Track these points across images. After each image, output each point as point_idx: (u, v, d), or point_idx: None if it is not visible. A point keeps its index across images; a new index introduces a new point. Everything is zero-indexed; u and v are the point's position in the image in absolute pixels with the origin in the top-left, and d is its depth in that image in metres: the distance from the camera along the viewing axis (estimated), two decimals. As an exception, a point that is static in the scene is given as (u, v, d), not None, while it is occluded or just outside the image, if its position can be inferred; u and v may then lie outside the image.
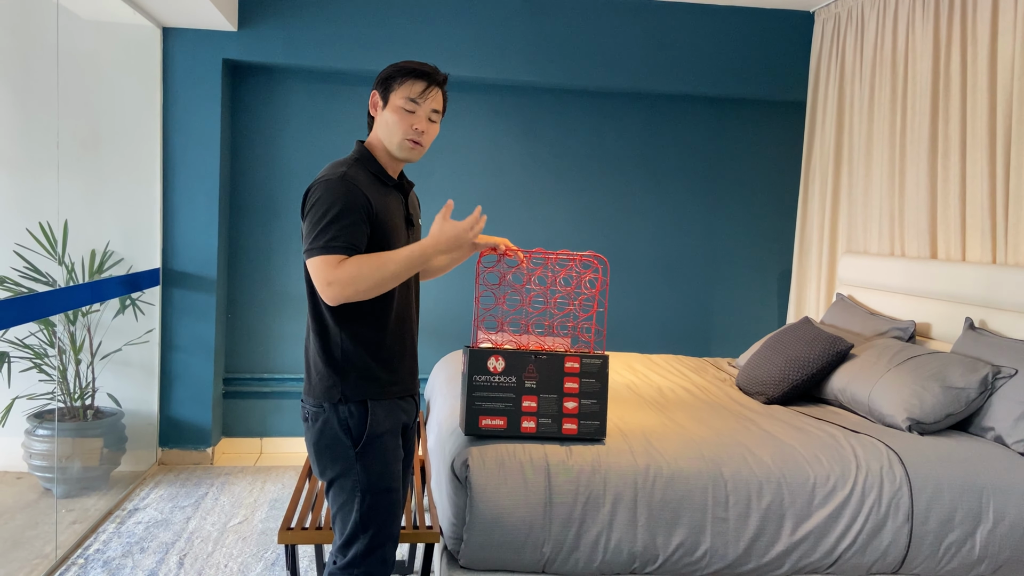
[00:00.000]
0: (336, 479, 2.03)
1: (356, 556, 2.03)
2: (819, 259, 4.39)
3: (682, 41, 4.59)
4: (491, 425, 2.38)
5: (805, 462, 2.47)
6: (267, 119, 4.56)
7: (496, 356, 2.35)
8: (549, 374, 2.38)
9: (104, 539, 3.37)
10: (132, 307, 4.12)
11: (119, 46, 4.10)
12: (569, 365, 2.39)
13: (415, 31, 4.38)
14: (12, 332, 3.55)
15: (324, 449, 2.03)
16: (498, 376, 2.36)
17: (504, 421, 2.38)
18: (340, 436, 2.02)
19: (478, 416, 2.37)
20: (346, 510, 2.03)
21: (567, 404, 2.41)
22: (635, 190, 4.88)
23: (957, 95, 3.44)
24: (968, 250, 3.39)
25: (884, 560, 2.44)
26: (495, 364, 2.36)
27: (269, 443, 4.65)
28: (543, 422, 2.41)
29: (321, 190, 1.96)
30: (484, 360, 2.35)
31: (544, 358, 2.38)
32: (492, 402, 2.37)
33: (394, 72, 2.06)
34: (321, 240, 1.92)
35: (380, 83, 2.07)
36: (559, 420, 2.41)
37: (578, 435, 2.43)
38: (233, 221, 4.58)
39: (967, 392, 2.75)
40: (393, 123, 2.04)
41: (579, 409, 2.42)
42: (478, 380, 2.35)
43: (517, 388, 2.37)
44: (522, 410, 2.39)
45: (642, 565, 2.36)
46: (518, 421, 2.39)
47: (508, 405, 2.38)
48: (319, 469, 2.06)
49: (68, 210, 3.78)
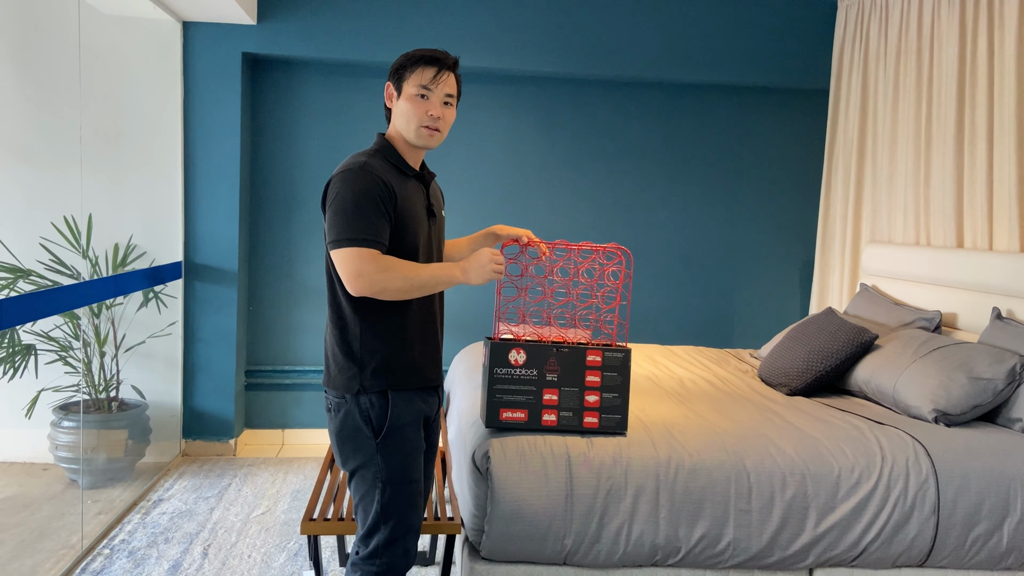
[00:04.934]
0: (358, 469, 2.04)
1: (378, 547, 2.03)
2: (842, 249, 4.34)
3: (703, 29, 4.54)
4: (512, 418, 2.37)
5: (829, 454, 2.45)
6: (286, 112, 4.57)
7: (517, 349, 2.33)
8: (571, 367, 2.36)
9: (129, 529, 3.41)
10: (155, 300, 4.15)
11: (140, 41, 4.12)
12: (591, 359, 2.37)
13: (433, 23, 4.37)
14: (38, 325, 3.59)
15: (346, 439, 2.04)
16: (519, 369, 2.34)
17: (525, 414, 2.37)
18: (361, 427, 2.02)
19: (499, 409, 2.36)
20: (367, 500, 2.04)
21: (588, 398, 2.39)
22: (656, 180, 4.85)
23: (984, 81, 3.39)
24: (995, 239, 3.33)
25: (910, 553, 2.41)
26: (516, 357, 2.34)
27: (291, 434, 4.68)
28: (564, 415, 2.39)
29: (343, 180, 1.96)
30: (505, 353, 2.33)
31: (566, 351, 2.35)
32: (513, 395, 2.35)
33: (405, 61, 2.07)
34: (350, 232, 1.92)
35: (392, 73, 2.09)
36: (580, 414, 2.40)
37: (599, 428, 2.41)
38: (254, 214, 4.60)
39: (994, 383, 2.71)
40: (408, 111, 2.04)
41: (600, 403, 2.40)
42: (499, 373, 2.34)
43: (538, 381, 2.36)
44: (543, 403, 2.37)
45: (664, 557, 2.35)
46: (539, 414, 2.38)
47: (529, 398, 2.36)
48: (341, 459, 2.07)
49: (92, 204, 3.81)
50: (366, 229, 1.93)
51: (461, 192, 4.69)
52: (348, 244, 1.92)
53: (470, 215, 4.70)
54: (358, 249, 1.92)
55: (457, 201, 4.69)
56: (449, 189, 4.65)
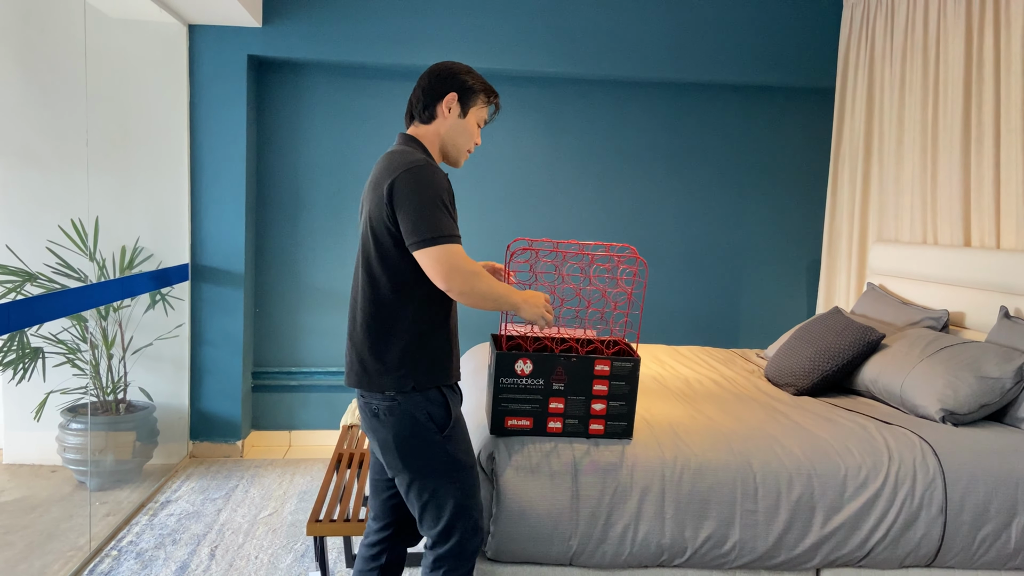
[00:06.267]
0: (423, 469, 2.01)
1: (463, 536, 2.05)
2: (849, 248, 4.33)
3: (708, 29, 4.54)
4: (517, 425, 2.36)
5: (836, 454, 2.44)
6: (292, 114, 4.58)
7: (524, 359, 2.31)
8: (578, 376, 2.34)
9: (137, 531, 3.42)
10: (162, 302, 4.17)
11: (146, 44, 4.13)
12: (599, 368, 2.34)
13: (437, 24, 4.37)
14: (46, 328, 3.60)
15: (407, 440, 2.00)
16: (525, 379, 2.32)
17: (531, 422, 2.36)
18: (424, 424, 2.00)
19: (504, 417, 2.35)
20: (440, 496, 2.03)
21: (595, 406, 2.38)
22: (661, 180, 4.85)
23: (990, 79, 3.37)
24: (1003, 237, 3.32)
25: (917, 553, 2.40)
26: (522, 367, 2.32)
27: (298, 436, 4.69)
28: (569, 422, 2.38)
29: (419, 178, 1.93)
30: (511, 363, 2.31)
31: (574, 360, 2.33)
32: (519, 403, 2.34)
33: (482, 88, 2.10)
34: (442, 229, 1.91)
35: (463, 88, 2.08)
36: (586, 421, 2.38)
37: (604, 435, 2.41)
38: (260, 216, 4.61)
39: (1002, 382, 2.69)
40: (465, 135, 2.10)
41: (607, 411, 2.39)
42: (505, 383, 2.32)
43: (544, 390, 2.34)
44: (549, 411, 2.36)
45: (670, 558, 2.35)
46: (544, 422, 2.37)
47: (535, 406, 2.35)
48: (400, 463, 2.02)
49: (98, 207, 3.83)
50: (452, 226, 1.94)
51: (466, 192, 4.69)
52: (443, 241, 1.91)
53: (474, 215, 4.71)
54: (451, 246, 1.92)
55: (462, 201, 4.69)
56: (454, 189, 4.65)
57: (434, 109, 2.08)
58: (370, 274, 2.00)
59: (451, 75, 2.07)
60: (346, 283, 4.67)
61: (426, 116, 2.09)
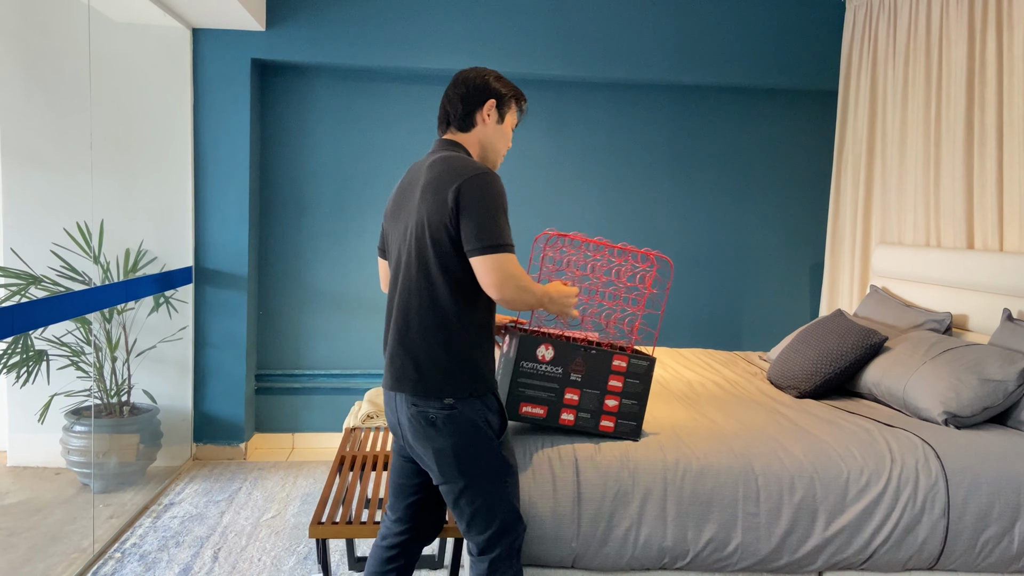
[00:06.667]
0: (479, 475, 2.02)
1: (515, 537, 2.07)
2: (852, 250, 4.33)
3: (710, 31, 4.54)
4: (531, 413, 2.34)
5: (838, 456, 2.44)
6: (295, 117, 4.60)
7: (546, 345, 2.31)
8: (595, 370, 2.35)
9: (140, 533, 3.43)
10: (166, 305, 4.18)
11: (150, 47, 4.15)
12: (616, 363, 2.36)
13: (440, 27, 4.38)
14: (50, 330, 3.62)
15: (467, 447, 2.00)
16: (545, 365, 2.32)
17: (544, 411, 2.35)
18: (483, 430, 2.01)
19: (520, 402, 2.33)
20: (493, 501, 2.04)
21: (608, 402, 2.38)
22: (664, 182, 4.85)
23: (993, 81, 3.37)
24: (1006, 239, 3.31)
25: (920, 556, 2.40)
26: (544, 353, 2.31)
27: (301, 438, 4.69)
28: (582, 416, 2.37)
29: (485, 184, 1.95)
30: (534, 347, 2.30)
31: (594, 353, 2.34)
32: (535, 390, 2.33)
33: (517, 96, 2.17)
34: (502, 238, 1.95)
35: (499, 96, 2.13)
36: (598, 416, 2.38)
37: (614, 433, 2.41)
38: (263, 219, 4.62)
39: (1005, 385, 2.69)
40: (503, 139, 2.16)
41: (619, 408, 2.39)
42: (525, 367, 2.31)
43: (562, 380, 2.34)
44: (564, 402, 2.35)
45: (672, 560, 2.35)
46: (558, 412, 2.36)
47: (551, 395, 2.34)
48: (456, 470, 2.01)
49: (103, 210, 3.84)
50: (509, 235, 1.98)
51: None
52: (501, 250, 1.94)
53: (478, 219, 4.71)
54: (508, 255, 1.95)
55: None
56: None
57: (473, 117, 2.12)
58: (428, 278, 1.99)
59: (486, 83, 2.12)
60: (349, 285, 4.67)
61: (466, 124, 2.13)
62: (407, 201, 2.08)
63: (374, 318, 4.71)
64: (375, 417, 3.65)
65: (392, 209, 2.16)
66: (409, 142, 4.66)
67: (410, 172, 2.15)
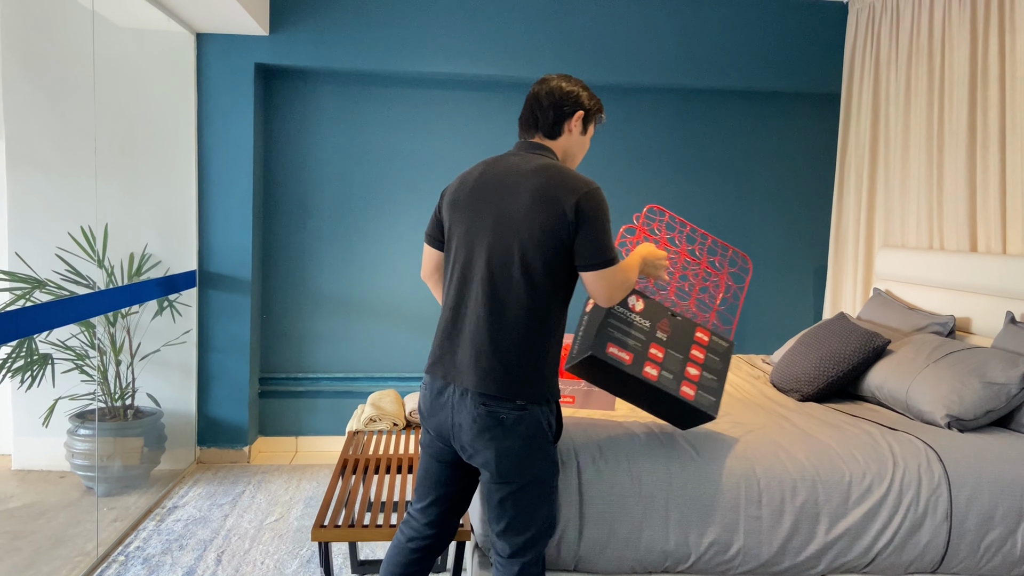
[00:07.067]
0: (536, 477, 2.04)
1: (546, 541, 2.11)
2: (855, 253, 4.32)
3: (713, 35, 4.55)
4: (616, 355, 2.27)
5: (841, 460, 2.44)
6: (298, 121, 4.61)
7: (637, 296, 2.37)
8: (680, 335, 2.38)
9: (144, 536, 3.43)
10: (170, 308, 4.19)
11: (154, 52, 4.17)
12: (699, 336, 2.41)
13: (443, 31, 4.39)
14: (54, 334, 3.63)
15: (531, 450, 2.02)
16: (635, 315, 2.35)
17: (630, 357, 2.29)
18: (546, 433, 2.05)
19: (607, 342, 2.28)
20: (541, 504, 2.06)
21: (690, 369, 2.37)
22: (667, 186, 4.85)
23: (995, 84, 3.37)
24: (1009, 242, 3.31)
25: (922, 559, 2.39)
26: (635, 303, 2.36)
27: (304, 442, 4.70)
28: (665, 375, 2.32)
29: (600, 200, 2.03)
30: (626, 296, 2.32)
31: (679, 319, 2.39)
32: (623, 335, 2.31)
33: (599, 108, 2.25)
34: (613, 251, 2.05)
35: (587, 110, 2.21)
36: (679, 380, 2.34)
37: (693, 402, 2.34)
38: (267, 223, 4.64)
39: (1008, 388, 2.69)
40: (583, 149, 2.25)
41: (700, 379, 2.37)
42: (616, 310, 2.33)
43: (649, 333, 2.35)
44: (648, 355, 2.32)
45: (674, 563, 2.35)
46: (642, 363, 2.30)
47: (637, 344, 2.32)
48: (515, 470, 2.02)
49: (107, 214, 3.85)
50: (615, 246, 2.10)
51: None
52: (613, 263, 2.04)
53: (481, 222, 4.72)
54: (618, 264, 2.08)
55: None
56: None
57: (562, 126, 2.19)
58: (531, 284, 2.01)
59: (578, 96, 2.20)
60: (352, 288, 4.68)
61: (554, 132, 2.20)
62: (495, 198, 2.08)
63: (377, 321, 4.71)
64: (378, 420, 3.66)
65: (468, 202, 2.13)
66: (412, 146, 4.67)
67: (493, 168, 2.14)
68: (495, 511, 2.06)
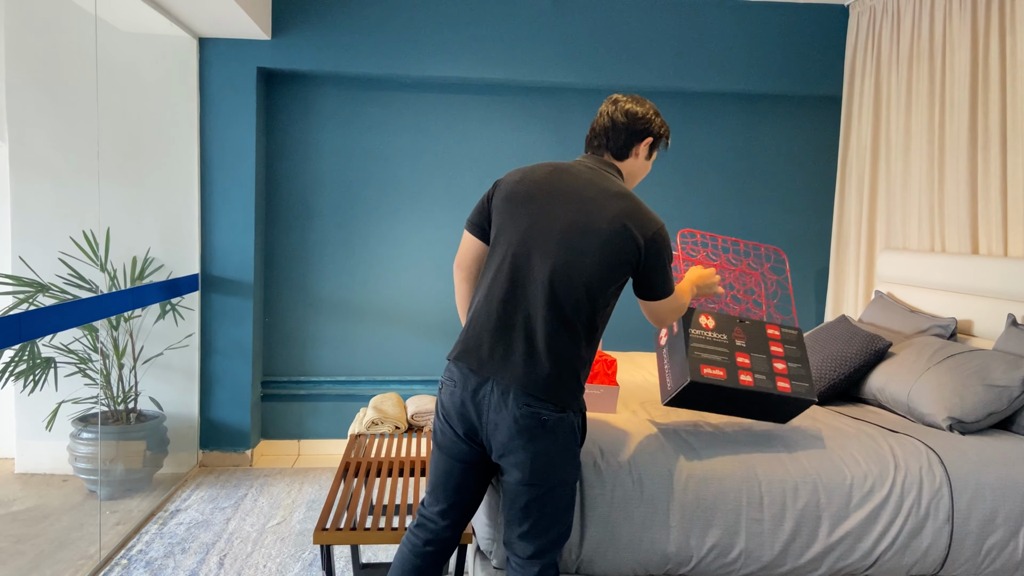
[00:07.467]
0: (564, 480, 2.08)
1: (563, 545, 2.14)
2: (857, 256, 4.32)
3: (714, 38, 4.55)
4: (711, 374, 2.40)
5: (842, 462, 2.44)
6: (301, 125, 4.62)
7: (705, 315, 2.48)
8: (755, 336, 2.49)
9: (147, 540, 3.44)
10: (172, 312, 4.20)
11: (156, 57, 4.18)
12: (771, 332, 2.52)
13: (444, 34, 4.40)
14: (58, 338, 3.64)
15: (563, 454, 2.06)
16: (710, 332, 2.47)
17: (724, 372, 2.42)
18: (577, 439, 2.10)
19: (700, 364, 2.41)
20: (564, 508, 2.10)
21: (777, 365, 2.48)
22: (668, 189, 4.85)
23: (996, 86, 3.37)
24: (1010, 244, 3.31)
25: (924, 562, 2.39)
26: (707, 322, 2.48)
27: (307, 445, 4.71)
28: (759, 377, 2.44)
29: (667, 238, 2.14)
30: (695, 318, 2.47)
31: (748, 323, 2.50)
32: (710, 354, 2.44)
33: (667, 135, 2.31)
34: (674, 283, 2.19)
35: (657, 137, 2.28)
36: (773, 378, 2.46)
37: (792, 393, 2.45)
38: (269, 226, 4.65)
39: (1010, 390, 2.68)
40: (644, 172, 2.32)
41: (788, 370, 2.48)
42: (694, 334, 2.45)
43: (729, 344, 2.46)
44: (737, 365, 2.44)
45: (676, 566, 2.35)
46: (736, 374, 2.42)
47: (724, 358, 2.44)
48: (548, 471, 2.05)
49: (110, 218, 3.87)
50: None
51: (472, 202, 4.71)
52: (671, 292, 2.19)
53: (483, 225, 4.72)
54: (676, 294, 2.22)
55: (468, 211, 4.71)
56: (461, 199, 4.67)
57: (630, 149, 2.26)
58: (590, 298, 2.06)
59: (650, 122, 2.26)
60: (354, 292, 4.69)
61: (622, 154, 2.26)
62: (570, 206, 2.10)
63: (379, 325, 4.72)
64: (380, 424, 3.66)
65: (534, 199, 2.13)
66: (414, 149, 4.68)
67: (566, 173, 2.16)
68: (519, 513, 2.07)
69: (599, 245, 2.04)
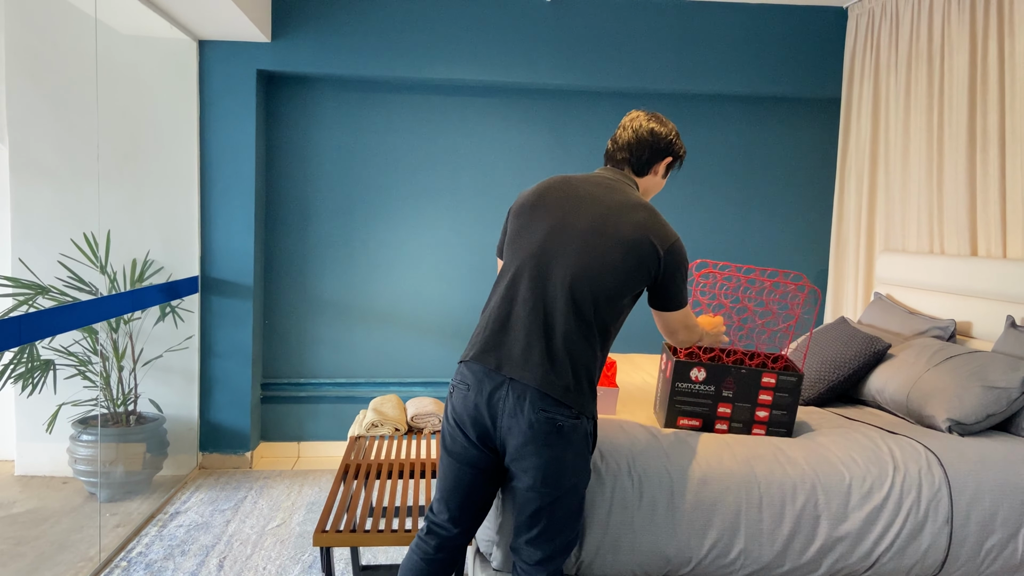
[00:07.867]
0: (575, 485, 2.08)
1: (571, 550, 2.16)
2: (856, 258, 4.33)
3: (713, 40, 4.56)
4: (687, 424, 2.60)
5: (841, 463, 2.44)
6: (300, 127, 4.63)
7: (698, 368, 2.56)
8: (746, 386, 2.57)
9: (146, 542, 3.44)
10: (172, 314, 4.21)
11: (156, 59, 4.19)
12: (766, 380, 2.57)
13: (444, 38, 4.41)
14: (57, 340, 3.64)
15: (576, 458, 2.07)
16: (698, 385, 2.58)
17: (700, 422, 2.60)
18: (589, 446, 2.12)
19: (677, 416, 2.60)
20: (574, 514, 2.11)
21: (759, 413, 2.59)
22: (667, 190, 4.86)
23: (995, 88, 3.37)
24: (1009, 246, 3.31)
25: (923, 563, 2.39)
26: (697, 374, 2.57)
27: (306, 447, 4.71)
28: (735, 426, 2.60)
29: (683, 252, 2.18)
30: (687, 370, 2.57)
31: (744, 372, 2.57)
32: (691, 406, 2.59)
33: (684, 156, 2.39)
34: (686, 295, 2.24)
35: (676, 157, 2.35)
36: (749, 425, 2.60)
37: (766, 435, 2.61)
38: (268, 228, 4.65)
39: (1009, 392, 2.69)
40: (658, 188, 2.39)
41: (769, 418, 2.59)
42: (680, 387, 2.58)
43: (715, 396, 2.58)
44: (717, 415, 2.60)
45: (675, 568, 2.35)
46: (712, 423, 2.60)
47: (705, 409, 2.59)
48: (561, 477, 2.05)
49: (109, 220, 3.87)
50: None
51: (471, 205, 4.72)
52: (684, 305, 2.24)
53: (480, 228, 4.73)
54: (688, 308, 2.28)
55: (467, 213, 4.72)
56: (460, 202, 4.68)
57: (650, 167, 2.32)
58: (609, 305, 2.10)
59: (671, 143, 2.32)
60: (354, 294, 4.69)
61: (642, 171, 2.33)
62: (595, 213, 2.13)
63: (379, 327, 4.72)
64: (380, 426, 3.66)
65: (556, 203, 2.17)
66: (413, 151, 4.68)
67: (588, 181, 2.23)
68: (529, 518, 2.07)
69: (622, 253, 2.08)
